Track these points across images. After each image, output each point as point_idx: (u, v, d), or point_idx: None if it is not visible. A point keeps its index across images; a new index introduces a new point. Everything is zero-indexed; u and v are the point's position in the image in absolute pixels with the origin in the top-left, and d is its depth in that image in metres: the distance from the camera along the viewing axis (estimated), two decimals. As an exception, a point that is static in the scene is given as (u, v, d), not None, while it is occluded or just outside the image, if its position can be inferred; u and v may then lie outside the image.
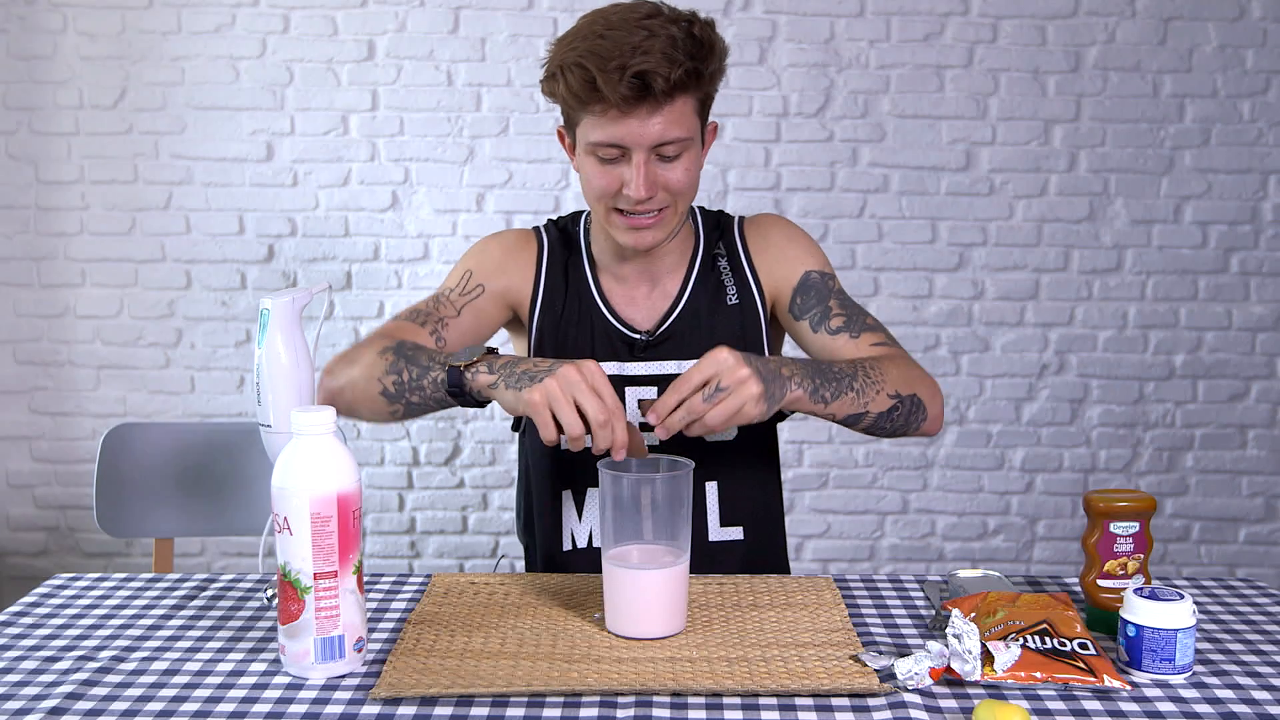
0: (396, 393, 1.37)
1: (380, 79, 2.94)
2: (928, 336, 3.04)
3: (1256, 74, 2.95)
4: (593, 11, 1.42)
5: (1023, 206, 3.00)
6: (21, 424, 3.03)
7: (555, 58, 1.41)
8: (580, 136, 1.43)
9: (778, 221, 1.64)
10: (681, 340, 1.55)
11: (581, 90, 1.36)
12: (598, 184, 1.44)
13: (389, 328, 1.49)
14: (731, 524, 1.57)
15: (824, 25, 2.93)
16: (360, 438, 3.04)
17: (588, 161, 1.44)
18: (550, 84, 1.41)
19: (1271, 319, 3.03)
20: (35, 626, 1.30)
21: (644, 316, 1.57)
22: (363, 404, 1.40)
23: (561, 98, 1.41)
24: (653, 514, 1.22)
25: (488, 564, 3.08)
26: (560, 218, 1.66)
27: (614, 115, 1.37)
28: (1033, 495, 3.10)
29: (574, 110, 1.42)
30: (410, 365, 1.36)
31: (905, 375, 1.44)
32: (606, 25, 1.37)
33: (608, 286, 1.58)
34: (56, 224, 2.97)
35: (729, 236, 1.61)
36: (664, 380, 1.53)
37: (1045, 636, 1.17)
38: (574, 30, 1.41)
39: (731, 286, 1.58)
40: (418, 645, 1.22)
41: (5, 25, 2.90)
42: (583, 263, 1.59)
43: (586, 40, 1.37)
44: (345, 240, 2.99)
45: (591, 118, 1.39)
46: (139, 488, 1.96)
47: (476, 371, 1.30)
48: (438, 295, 1.56)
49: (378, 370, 1.38)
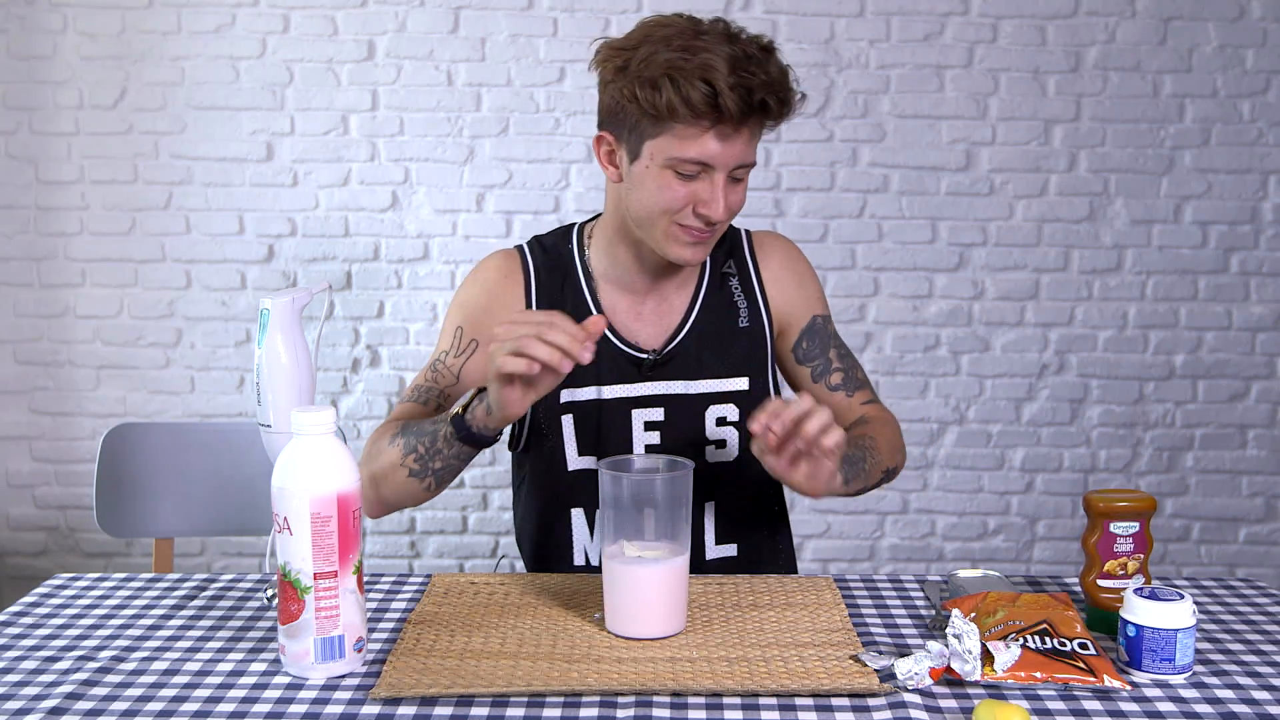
0: (421, 468, 1.39)
1: (380, 79, 2.94)
2: (928, 336, 3.04)
3: (1256, 74, 2.95)
4: (673, 20, 1.37)
5: (1023, 206, 3.00)
6: (21, 424, 3.03)
7: (649, 64, 1.33)
8: (655, 149, 1.37)
9: (788, 250, 1.62)
10: (688, 360, 1.53)
11: (700, 102, 1.31)
12: (668, 198, 1.39)
13: (396, 413, 1.51)
14: (727, 541, 1.57)
15: (824, 25, 2.93)
16: (360, 438, 3.04)
17: (660, 175, 1.38)
18: (646, 91, 1.33)
19: (1271, 319, 3.03)
20: (35, 626, 1.30)
21: (651, 334, 1.54)
22: (401, 495, 1.43)
23: (651, 106, 1.34)
24: (653, 513, 1.22)
25: (488, 564, 3.08)
26: (543, 236, 1.60)
27: (717, 132, 1.34)
28: (1033, 495, 3.10)
29: (659, 121, 1.35)
30: (419, 437, 1.38)
31: (891, 446, 1.53)
32: (715, 39, 1.33)
33: (609, 303, 1.53)
34: (56, 224, 2.97)
35: (739, 255, 1.59)
36: (671, 401, 1.52)
37: (1045, 636, 1.17)
38: (662, 39, 1.34)
39: (743, 308, 1.56)
40: (418, 645, 1.22)
41: (5, 25, 2.90)
42: (579, 281, 1.54)
43: (695, 53, 1.32)
44: (345, 240, 2.99)
45: (683, 130, 1.34)
46: (139, 488, 1.96)
47: (473, 409, 1.33)
48: (434, 363, 1.54)
49: (395, 457, 1.40)
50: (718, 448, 1.54)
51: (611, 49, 1.39)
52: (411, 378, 3.01)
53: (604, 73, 1.40)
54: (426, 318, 3.01)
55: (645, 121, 1.36)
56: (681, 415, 1.52)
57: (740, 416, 1.54)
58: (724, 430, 1.54)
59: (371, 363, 3.03)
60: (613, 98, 1.38)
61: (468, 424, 1.33)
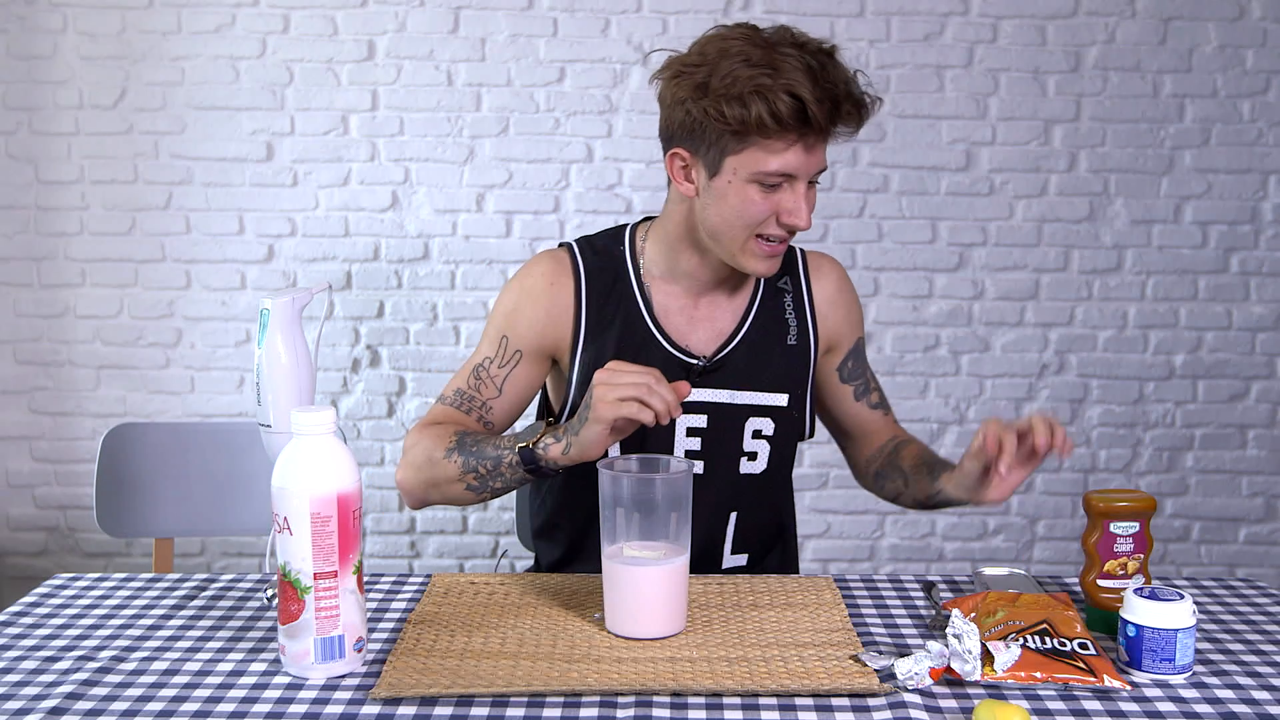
0: (480, 485, 1.43)
1: (380, 79, 2.94)
2: (928, 336, 3.04)
3: (1256, 74, 2.95)
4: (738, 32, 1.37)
5: (1023, 206, 3.00)
6: (21, 424, 3.03)
7: (733, 81, 1.33)
8: (739, 164, 1.37)
9: (841, 275, 1.64)
10: (736, 369, 1.53)
11: (789, 116, 1.32)
12: (753, 211, 1.39)
13: (438, 416, 1.51)
14: (741, 551, 1.58)
15: (824, 25, 2.93)
16: (360, 438, 3.04)
17: (743, 189, 1.38)
18: (734, 108, 1.32)
19: (1271, 319, 3.03)
20: (35, 626, 1.30)
21: (702, 339, 1.53)
22: (455, 501, 1.49)
23: (739, 123, 1.33)
24: (653, 513, 1.22)
25: (488, 564, 3.08)
26: (593, 236, 1.59)
27: (804, 144, 1.35)
28: (1033, 495, 3.10)
29: (743, 137, 1.35)
30: (479, 459, 1.41)
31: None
32: (789, 51, 1.33)
33: (662, 308, 1.53)
34: (56, 224, 2.97)
35: (794, 273, 1.59)
36: (714, 409, 1.52)
37: (1045, 636, 1.17)
38: (738, 54, 1.34)
39: (794, 326, 1.57)
40: (418, 645, 1.22)
41: (5, 25, 2.90)
42: (631, 286, 1.53)
43: (776, 66, 1.32)
44: (345, 240, 2.99)
45: (769, 144, 1.35)
46: (139, 488, 1.97)
47: (546, 446, 1.36)
48: (477, 370, 1.53)
49: (454, 473, 1.43)
50: (750, 460, 1.55)
51: (685, 65, 1.39)
52: (411, 378, 3.02)
53: (677, 91, 1.39)
54: (426, 318, 3.01)
55: (728, 138, 1.36)
56: (723, 424, 1.52)
57: (774, 431, 1.55)
58: (758, 443, 1.55)
59: (371, 363, 3.03)
60: (689, 114, 1.37)
61: (537, 459, 1.37)
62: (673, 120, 1.41)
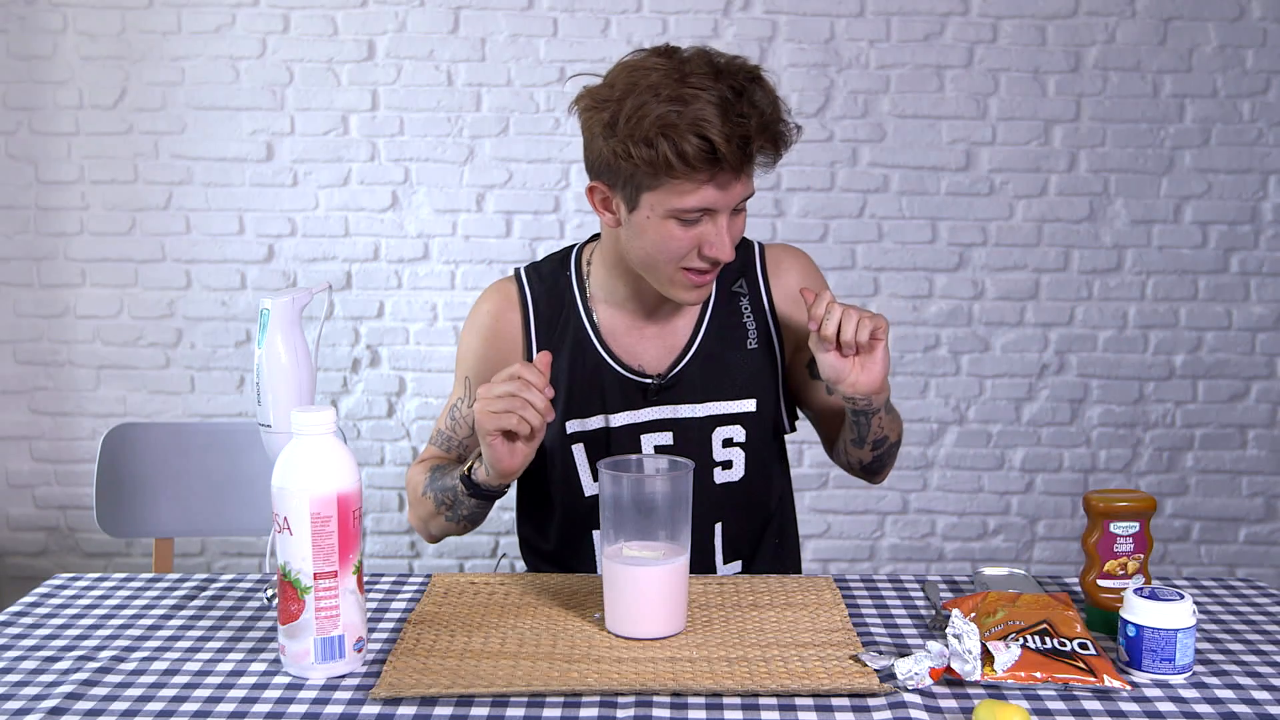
0: (452, 514, 1.47)
1: (380, 79, 2.94)
2: (928, 336, 3.04)
3: (1256, 74, 2.95)
4: (654, 63, 1.32)
5: (1023, 206, 3.00)
6: (21, 424, 3.03)
7: (639, 120, 1.28)
8: (654, 201, 1.34)
9: (800, 266, 1.58)
10: (694, 383, 1.51)
11: (696, 157, 1.28)
12: (675, 247, 1.37)
13: (426, 454, 1.58)
14: (733, 559, 1.57)
15: (824, 25, 2.93)
16: (360, 438, 3.04)
17: (663, 225, 1.35)
18: (640, 149, 1.29)
19: (1271, 319, 3.03)
20: (35, 626, 1.30)
21: (654, 357, 1.52)
22: (446, 533, 1.52)
23: (647, 163, 1.29)
24: (653, 513, 1.22)
25: (488, 564, 3.09)
26: (540, 262, 1.59)
27: (716, 182, 1.32)
28: (1033, 495, 3.10)
29: (655, 175, 1.31)
30: (442, 491, 1.46)
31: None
32: (702, 81, 1.28)
33: (610, 329, 1.52)
34: (56, 224, 2.97)
35: (751, 274, 1.56)
36: (678, 425, 1.50)
37: (1045, 636, 1.17)
38: (648, 88, 1.29)
39: (753, 329, 1.54)
40: (418, 645, 1.22)
41: (5, 25, 2.90)
42: (578, 311, 1.53)
43: (685, 103, 1.27)
44: (345, 240, 2.99)
45: (680, 185, 1.31)
46: (139, 488, 1.97)
47: (474, 470, 1.39)
48: (452, 411, 1.57)
49: (430, 508, 1.49)
50: (724, 469, 1.53)
51: (595, 99, 1.36)
52: (411, 378, 3.03)
53: (589, 124, 1.37)
54: (426, 318, 3.02)
55: (641, 175, 1.33)
56: (689, 438, 1.51)
57: (748, 437, 1.53)
58: (731, 451, 1.53)
59: (371, 363, 3.03)
60: (602, 153, 1.35)
61: (475, 482, 1.40)
62: (590, 153, 1.40)
